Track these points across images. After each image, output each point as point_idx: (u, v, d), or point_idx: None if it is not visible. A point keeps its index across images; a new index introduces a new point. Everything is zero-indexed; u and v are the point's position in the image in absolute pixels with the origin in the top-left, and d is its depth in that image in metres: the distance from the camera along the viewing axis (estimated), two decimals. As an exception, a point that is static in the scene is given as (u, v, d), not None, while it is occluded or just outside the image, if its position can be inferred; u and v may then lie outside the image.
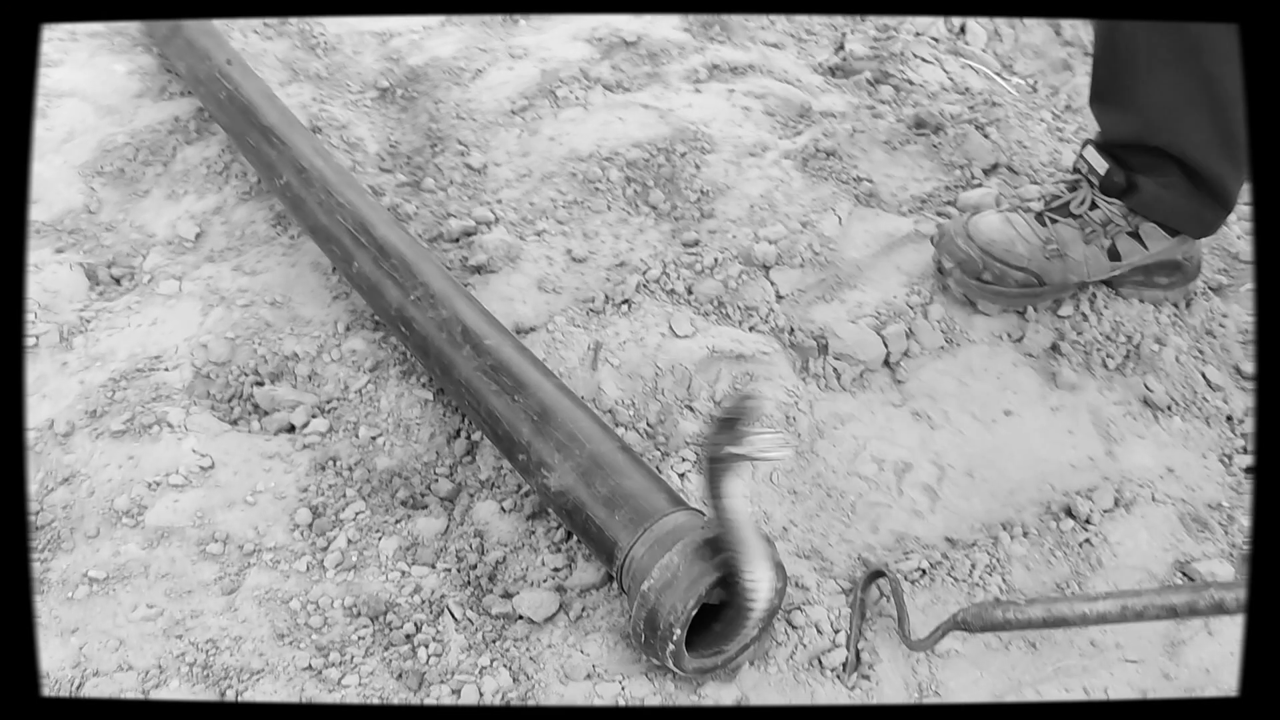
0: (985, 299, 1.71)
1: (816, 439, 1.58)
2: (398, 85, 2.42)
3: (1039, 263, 1.68)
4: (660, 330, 1.72)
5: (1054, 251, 1.68)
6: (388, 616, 1.35)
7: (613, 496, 1.29)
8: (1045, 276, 1.68)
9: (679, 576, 1.17)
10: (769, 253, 1.82)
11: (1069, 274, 1.69)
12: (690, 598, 1.17)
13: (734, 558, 1.16)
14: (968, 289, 1.71)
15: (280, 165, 1.91)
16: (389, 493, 1.54)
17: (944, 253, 1.73)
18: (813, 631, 1.29)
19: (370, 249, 1.69)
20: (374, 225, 1.72)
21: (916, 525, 1.47)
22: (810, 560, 1.41)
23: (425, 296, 1.59)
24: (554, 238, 1.94)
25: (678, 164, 2.06)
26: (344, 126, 2.26)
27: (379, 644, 1.32)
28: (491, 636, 1.31)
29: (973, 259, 1.69)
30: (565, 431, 1.37)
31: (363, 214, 1.75)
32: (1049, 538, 1.42)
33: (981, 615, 1.21)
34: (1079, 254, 1.68)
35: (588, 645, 1.28)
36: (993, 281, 1.69)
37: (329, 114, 2.28)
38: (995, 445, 1.58)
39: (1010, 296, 1.70)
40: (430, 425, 1.63)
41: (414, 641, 1.31)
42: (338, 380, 1.72)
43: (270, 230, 2.04)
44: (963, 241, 1.70)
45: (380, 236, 1.70)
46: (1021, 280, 1.68)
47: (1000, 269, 1.68)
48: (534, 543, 1.44)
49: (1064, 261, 1.68)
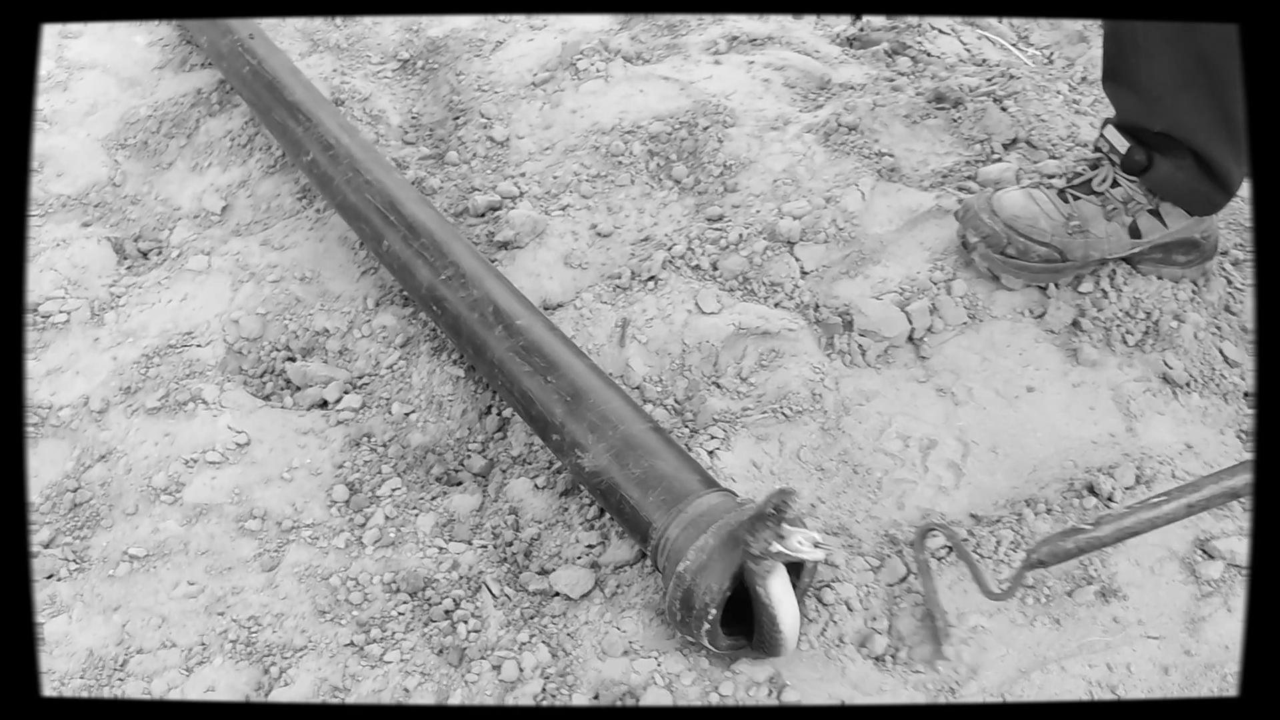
0: (1009, 273, 1.73)
1: (843, 415, 1.61)
2: (418, 57, 2.43)
3: (1061, 238, 1.70)
4: (687, 307, 1.74)
5: (1076, 228, 1.70)
6: (426, 593, 1.38)
7: (646, 477, 1.32)
8: (1067, 252, 1.70)
9: (714, 559, 1.20)
10: (793, 228, 1.84)
11: (1090, 250, 1.71)
12: (725, 579, 1.20)
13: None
14: (992, 263, 1.73)
15: (307, 142, 1.92)
16: (424, 469, 1.57)
17: (969, 227, 1.74)
18: (843, 609, 1.32)
19: (400, 227, 1.71)
20: (403, 203, 1.74)
21: (942, 501, 1.50)
22: (838, 537, 1.44)
23: (456, 276, 1.61)
24: (579, 212, 1.96)
25: (700, 138, 2.07)
26: (366, 99, 2.27)
27: (419, 620, 1.35)
28: (530, 613, 1.35)
29: (997, 234, 1.71)
30: (598, 412, 1.39)
31: (391, 191, 1.77)
32: (1072, 515, 1.45)
33: (1055, 549, 1.22)
34: (1100, 230, 1.70)
35: (624, 622, 1.31)
36: (1016, 256, 1.71)
37: (351, 86, 2.29)
38: (1018, 421, 1.60)
39: (1033, 271, 1.72)
40: (462, 402, 1.66)
41: (453, 618, 1.35)
42: (369, 356, 1.74)
43: (296, 204, 2.06)
44: (987, 216, 1.72)
45: (409, 214, 1.72)
46: (1044, 255, 1.70)
47: (1024, 244, 1.70)
48: (568, 519, 1.47)
49: (1086, 238, 1.70)
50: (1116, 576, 1.38)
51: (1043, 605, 1.36)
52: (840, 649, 1.29)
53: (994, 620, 1.34)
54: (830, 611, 1.32)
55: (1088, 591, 1.36)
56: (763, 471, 1.51)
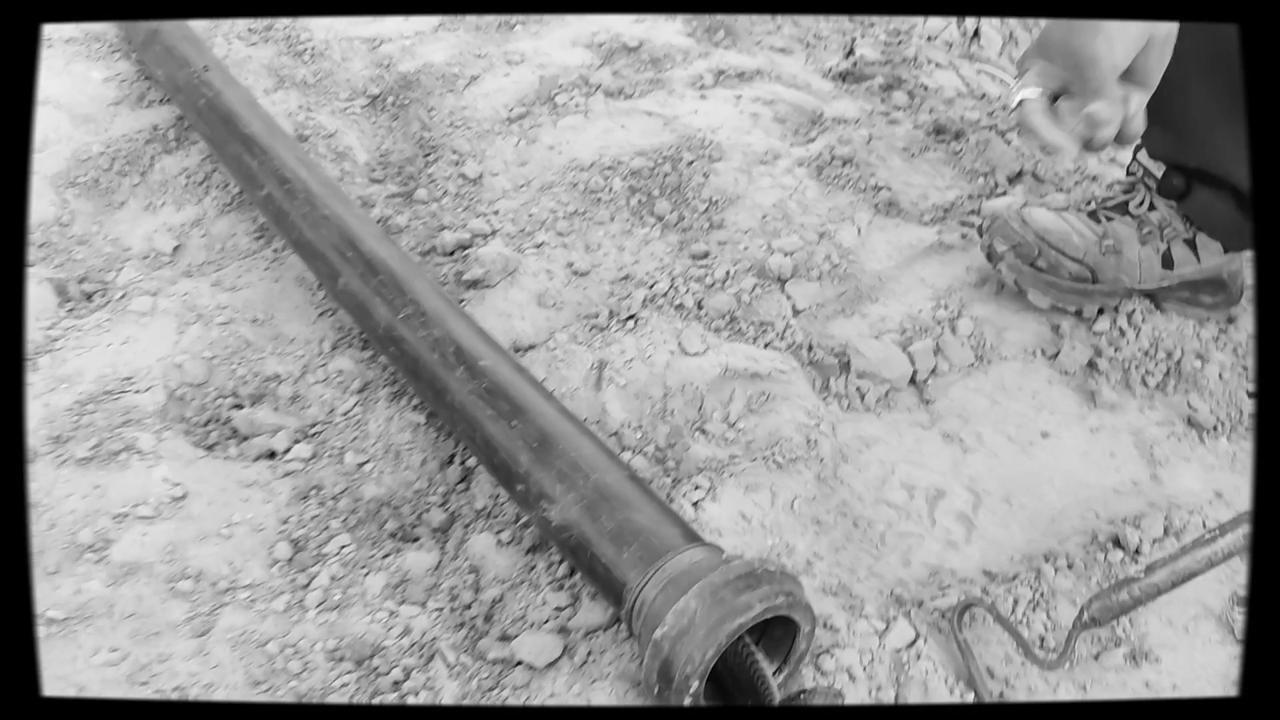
0: (1037, 289, 1.62)
1: (840, 464, 1.47)
2: (388, 93, 2.31)
3: (1094, 257, 1.58)
4: (669, 348, 1.60)
5: (1110, 248, 1.59)
6: (374, 661, 1.22)
7: (621, 531, 1.17)
8: (1099, 272, 1.59)
9: (696, 624, 1.05)
10: (784, 265, 1.71)
11: (1121, 274, 1.59)
12: (709, 647, 1.04)
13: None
14: (1020, 275, 1.62)
15: (262, 176, 1.79)
16: (377, 524, 1.42)
17: (996, 236, 1.63)
18: (844, 678, 1.17)
19: (357, 264, 1.57)
20: (361, 239, 1.61)
21: (952, 557, 1.35)
22: (838, 597, 1.29)
23: (416, 314, 1.47)
24: (554, 250, 1.83)
25: (684, 172, 1.94)
26: (331, 135, 2.15)
27: (364, 692, 1.20)
28: (488, 684, 1.19)
29: (1028, 243, 1.60)
30: (568, 460, 1.25)
31: (349, 227, 1.64)
32: (1097, 570, 1.30)
33: (1108, 605, 1.11)
34: (1134, 254, 1.59)
35: (594, 694, 1.15)
36: (1046, 270, 1.60)
37: (315, 122, 2.17)
38: (1033, 469, 1.46)
39: (1061, 290, 1.60)
40: (422, 451, 1.51)
41: (402, 689, 1.19)
42: (323, 402, 1.60)
43: (253, 243, 1.92)
44: (1018, 225, 1.62)
45: (368, 251, 1.59)
46: (1075, 274, 1.59)
47: (1055, 257, 1.59)
48: (534, 579, 1.32)
49: (1118, 260, 1.59)
50: (1147, 638, 1.23)
51: (1067, 671, 1.21)
52: (841, 725, 1.14)
53: (1011, 689, 1.19)
54: (830, 681, 1.17)
55: (1116, 655, 1.21)
56: (752, 524, 1.37)
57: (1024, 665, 1.21)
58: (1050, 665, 1.16)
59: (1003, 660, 1.22)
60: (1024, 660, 1.21)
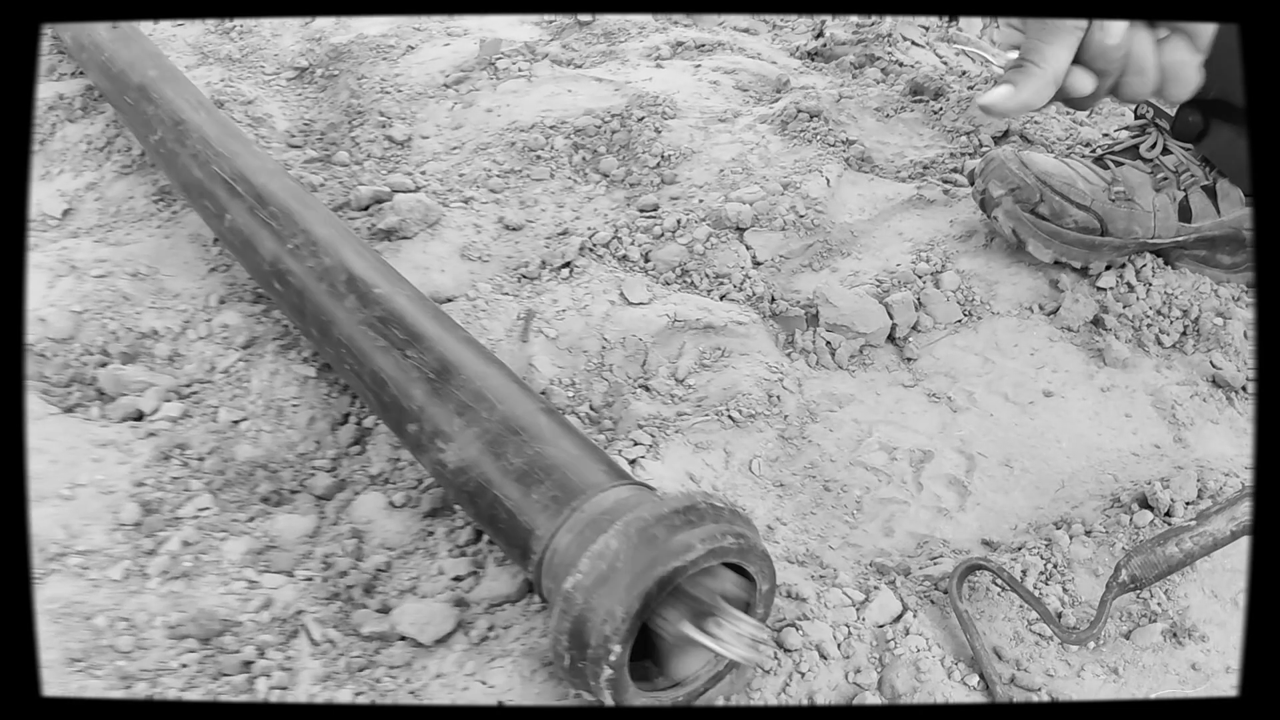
0: (1038, 240, 1.39)
1: (808, 422, 1.23)
2: (318, 65, 2.10)
3: (1103, 205, 1.37)
4: (609, 297, 1.37)
5: (1120, 194, 1.37)
6: (223, 638, 0.97)
7: (530, 469, 0.93)
8: (1109, 223, 1.37)
9: (618, 568, 0.81)
10: (743, 212, 1.49)
11: (1134, 225, 1.37)
12: (634, 598, 0.80)
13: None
14: (1019, 224, 1.39)
15: (155, 121, 1.57)
16: (248, 487, 1.17)
17: (992, 179, 1.41)
18: (813, 657, 0.92)
19: (247, 198, 1.34)
20: (255, 173, 1.38)
21: (943, 526, 1.12)
22: (806, 566, 1.05)
23: (306, 244, 1.24)
24: (485, 205, 1.61)
25: (634, 129, 1.73)
26: (249, 102, 1.93)
27: (206, 674, 0.94)
28: (359, 663, 0.94)
29: (1029, 186, 1.38)
30: (470, 391, 1.01)
31: (244, 162, 1.41)
32: (1121, 535, 1.07)
33: (1150, 561, 0.89)
34: (1148, 202, 1.38)
35: (492, 674, 0.91)
36: (1049, 218, 1.38)
37: (234, 90, 1.95)
38: (1036, 431, 1.23)
39: (1066, 242, 1.38)
40: (310, 408, 1.27)
41: (252, 671, 0.94)
42: (203, 360, 1.36)
43: (151, 206, 1.69)
44: (1016, 167, 1.39)
45: (260, 184, 1.36)
46: (1081, 223, 1.37)
47: (1059, 204, 1.37)
48: (431, 546, 1.08)
49: (1131, 210, 1.37)
50: (1189, 612, 1.00)
51: (1093, 652, 0.97)
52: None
53: (1024, 672, 0.95)
54: (796, 660, 0.92)
55: (1152, 631, 0.98)
56: (702, 486, 1.13)
57: (1038, 645, 0.97)
58: (1079, 638, 0.93)
59: (1012, 639, 0.98)
60: (1039, 640, 0.97)
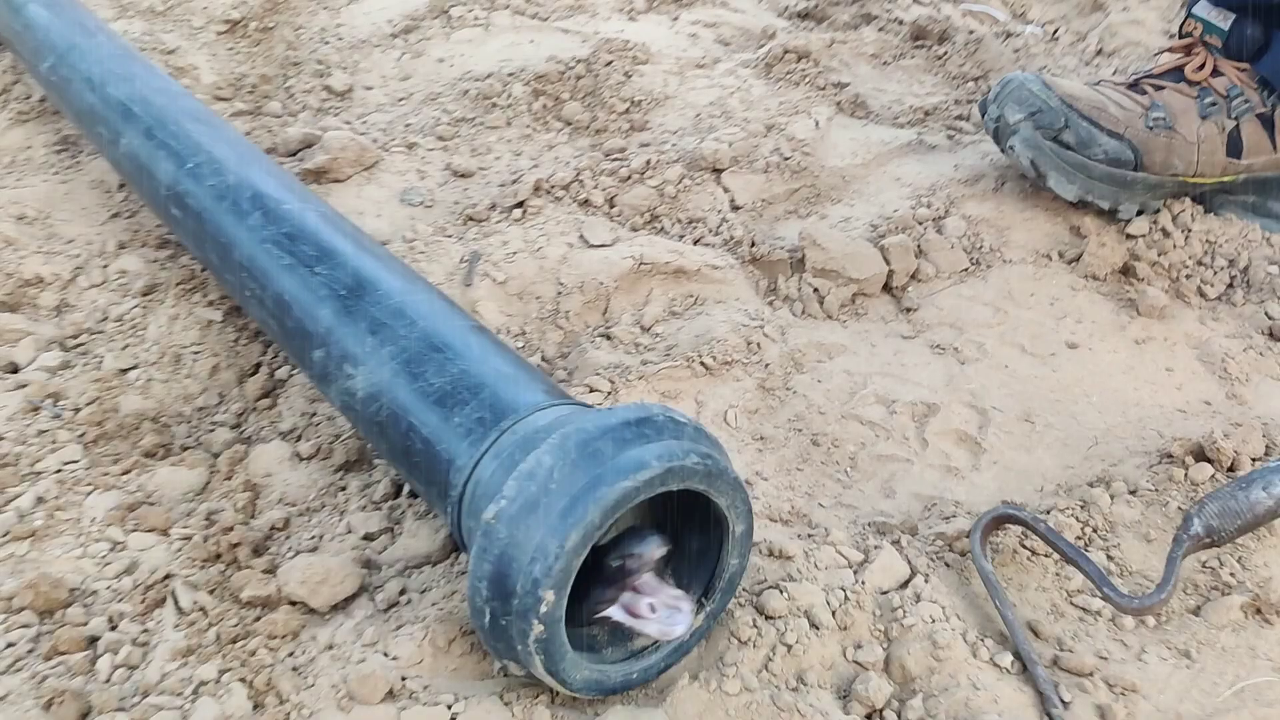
0: (1060, 173, 1.19)
1: (793, 372, 1.05)
2: (251, 18, 1.92)
3: (1138, 133, 1.18)
4: (567, 240, 1.19)
5: (1159, 121, 1.18)
6: (69, 610, 0.78)
7: (454, 389, 0.74)
8: (1144, 154, 1.18)
9: (552, 490, 0.62)
10: (720, 152, 1.32)
11: (1173, 158, 1.18)
12: (572, 528, 0.61)
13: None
14: (1039, 153, 1.19)
15: (45, 48, 1.39)
16: (129, 441, 0.98)
17: (1009, 102, 1.20)
18: (802, 626, 0.74)
19: (145, 119, 1.16)
20: (155, 94, 1.20)
21: (955, 486, 0.94)
22: (792, 525, 0.86)
23: (208, 163, 1.06)
24: (431, 153, 1.43)
25: (601, 74, 1.56)
26: (171, 52, 1.75)
27: (39, 652, 0.75)
28: (233, 634, 0.74)
29: (1052, 109, 1.18)
30: (388, 307, 0.83)
31: (145, 84, 1.23)
32: (1176, 493, 0.89)
33: (1231, 509, 0.72)
34: (1191, 131, 1.18)
35: (397, 644, 0.71)
36: (1075, 147, 1.18)
37: (156, 40, 1.77)
38: (1060, 384, 1.05)
39: (1093, 176, 1.18)
40: (213, 355, 1.08)
41: (96, 649, 0.74)
42: (95, 308, 1.17)
43: (51, 156, 1.50)
44: (1038, 88, 1.19)
45: (160, 106, 1.18)
46: (1112, 154, 1.18)
47: (1087, 130, 1.17)
48: (341, 502, 0.89)
49: (1170, 140, 1.18)
50: (1272, 584, 0.81)
51: (1152, 629, 0.78)
52: (801, 695, 0.70)
53: (1068, 653, 0.76)
54: (779, 629, 0.73)
55: (1228, 606, 0.79)
56: (668, 437, 0.94)
57: (1082, 621, 0.79)
58: (1143, 607, 0.74)
59: (1049, 613, 0.80)
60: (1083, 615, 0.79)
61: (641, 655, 0.70)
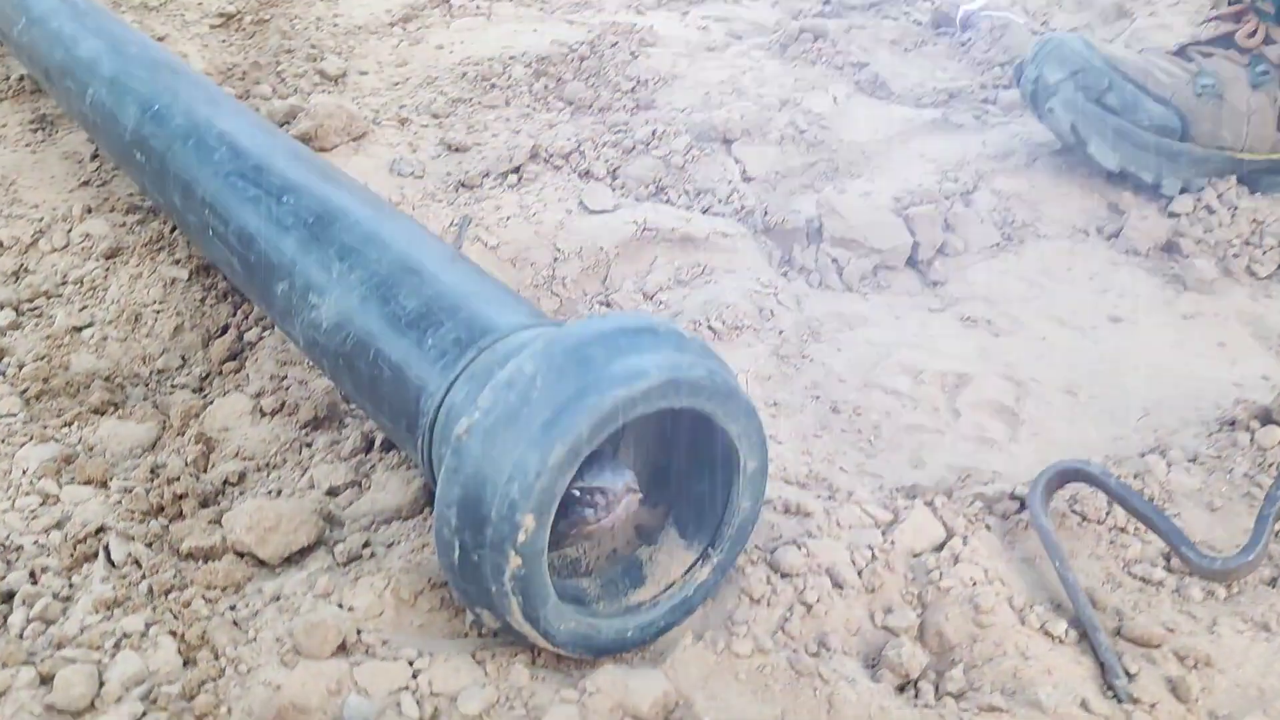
0: (1102, 138, 1.11)
1: (809, 341, 0.96)
2: (246, 11, 1.85)
3: (1185, 100, 1.09)
4: (565, 206, 1.11)
5: (1208, 88, 1.10)
6: (-14, 566, 0.68)
7: (428, 311, 0.65)
8: (1191, 123, 1.09)
9: (534, 399, 0.52)
10: (731, 122, 1.23)
11: (1221, 129, 1.10)
12: (556, 442, 0.51)
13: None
14: (1080, 116, 1.11)
15: (15, 14, 1.32)
16: (76, 399, 0.89)
17: (1049, 61, 1.13)
18: (823, 584, 0.64)
19: (114, 68, 1.09)
20: (127, 44, 1.13)
21: (992, 457, 0.84)
22: (809, 489, 0.76)
23: (173, 104, 0.97)
24: (425, 129, 1.35)
25: (606, 54, 1.48)
26: (160, 39, 1.68)
27: (-56, 610, 0.65)
28: (166, 584, 0.65)
29: (1096, 69, 1.10)
30: (359, 234, 0.74)
31: (118, 35, 1.15)
32: (1242, 459, 0.79)
33: None
34: (1241, 101, 1.10)
35: (355, 595, 0.61)
36: (1119, 111, 1.10)
37: (146, 28, 1.71)
38: (1103, 357, 0.96)
39: (1136, 145, 1.10)
40: (176, 315, 0.99)
41: (11, 605, 0.64)
42: (54, 271, 1.08)
43: (26, 134, 1.42)
44: (1081, 46, 1.12)
45: (131, 55, 1.10)
46: (1158, 120, 1.09)
47: (1132, 94, 1.09)
48: (305, 459, 0.79)
49: (1219, 109, 1.10)
50: (1356, 552, 0.71)
51: (1224, 602, 0.68)
52: (823, 660, 0.60)
53: (1129, 623, 0.66)
54: (798, 588, 0.63)
55: (1309, 574, 0.69)
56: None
57: (1142, 591, 0.69)
58: (1226, 569, 0.64)
59: (1104, 581, 0.69)
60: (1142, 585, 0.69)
61: (639, 610, 0.60)
